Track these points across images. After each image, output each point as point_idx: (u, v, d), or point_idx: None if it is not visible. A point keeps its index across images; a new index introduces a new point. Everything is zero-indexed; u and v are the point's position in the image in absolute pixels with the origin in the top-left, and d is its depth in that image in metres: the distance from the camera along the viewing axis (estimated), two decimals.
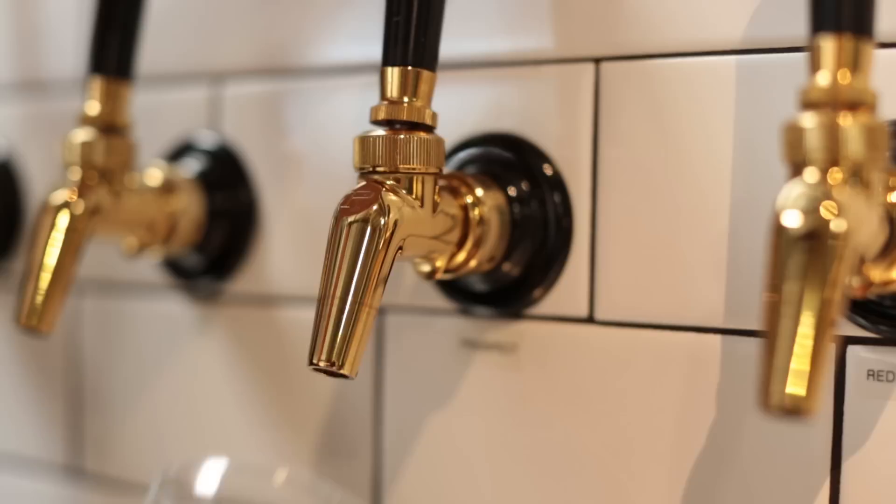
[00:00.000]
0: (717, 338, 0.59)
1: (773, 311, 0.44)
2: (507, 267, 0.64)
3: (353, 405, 0.72)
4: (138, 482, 0.84)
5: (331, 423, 0.73)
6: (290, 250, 0.75)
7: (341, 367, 0.55)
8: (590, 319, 0.63)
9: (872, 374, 0.56)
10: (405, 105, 0.58)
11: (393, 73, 0.58)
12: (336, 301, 0.56)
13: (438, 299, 0.68)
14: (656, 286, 0.61)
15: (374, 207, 0.57)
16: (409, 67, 0.58)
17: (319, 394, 0.74)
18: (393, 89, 0.58)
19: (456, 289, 0.67)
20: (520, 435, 0.65)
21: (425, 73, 0.58)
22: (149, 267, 0.82)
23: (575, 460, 0.64)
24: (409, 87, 0.58)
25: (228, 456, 0.78)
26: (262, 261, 0.76)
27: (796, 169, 0.47)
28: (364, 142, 0.58)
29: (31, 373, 0.92)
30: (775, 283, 0.45)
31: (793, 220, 0.45)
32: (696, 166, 0.60)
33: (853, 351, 0.56)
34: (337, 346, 0.55)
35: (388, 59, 0.58)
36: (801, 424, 0.45)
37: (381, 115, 0.58)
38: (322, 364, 0.55)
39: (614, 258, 0.62)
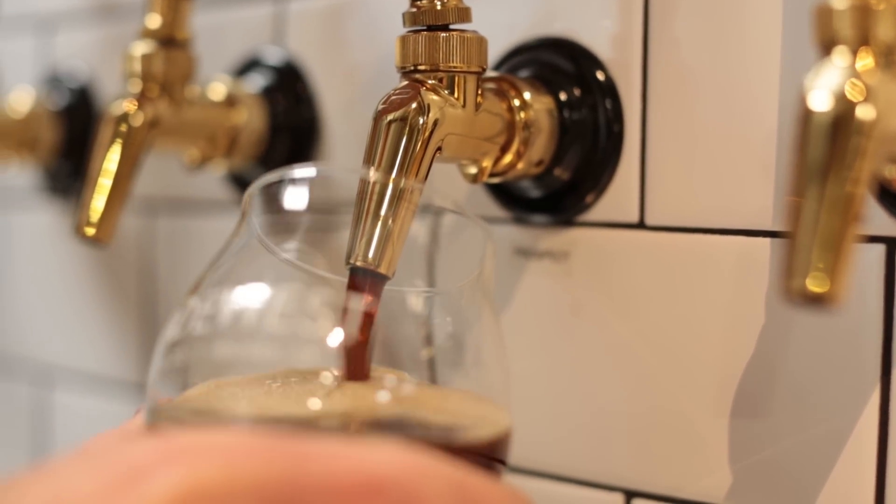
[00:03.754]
0: (766, 241, 0.58)
1: (796, 209, 0.43)
2: (557, 171, 0.63)
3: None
4: None
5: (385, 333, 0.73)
6: (351, 163, 0.74)
7: (378, 266, 0.55)
8: (640, 225, 0.62)
9: None
10: (438, 5, 0.57)
11: None
12: (374, 199, 0.55)
13: (492, 208, 0.67)
14: (706, 190, 0.60)
15: (414, 105, 0.56)
16: None
17: None
18: None
19: (509, 196, 0.66)
20: (571, 342, 0.65)
21: None
22: (218, 184, 0.83)
23: (625, 366, 0.63)
24: None
25: None
26: None
27: (826, 50, 0.45)
28: (405, 41, 0.58)
29: (107, 293, 0.93)
30: (799, 182, 0.43)
31: (818, 101, 0.43)
32: (745, 67, 0.58)
33: None
34: (374, 247, 0.55)
35: None
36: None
37: (416, 19, 0.57)
38: (360, 264, 0.55)
39: (664, 163, 0.61)
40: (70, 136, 0.92)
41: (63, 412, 0.98)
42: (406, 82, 0.58)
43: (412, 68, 0.58)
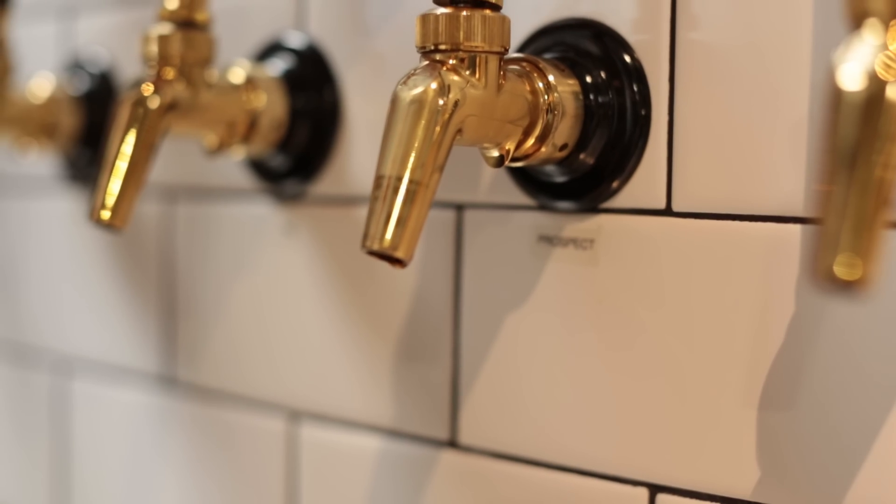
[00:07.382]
0: (797, 227, 0.56)
1: (826, 195, 0.41)
2: (583, 156, 0.61)
3: (432, 304, 0.70)
4: (229, 391, 0.83)
5: (411, 321, 0.72)
6: (373, 150, 0.73)
7: (395, 249, 0.53)
8: (667, 211, 0.60)
9: None
10: None
11: None
12: (392, 182, 0.54)
13: (516, 195, 0.66)
14: (734, 175, 0.58)
15: (434, 86, 0.55)
16: None
17: (400, 293, 0.72)
18: None
19: (533, 182, 0.64)
20: (596, 331, 0.63)
21: None
22: (238, 171, 0.81)
23: (651, 357, 0.61)
24: None
25: (312, 359, 0.77)
26: (345, 161, 0.75)
27: (856, 24, 0.43)
28: (425, 19, 0.56)
29: (126, 281, 0.92)
30: (829, 168, 0.41)
31: (847, 79, 0.41)
32: (775, 50, 0.57)
33: None
34: (391, 229, 0.53)
35: None
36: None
37: None
38: (376, 248, 0.54)
39: (692, 147, 0.59)
40: (90, 122, 0.91)
41: (82, 402, 0.97)
42: (426, 62, 0.56)
43: (432, 48, 0.56)
